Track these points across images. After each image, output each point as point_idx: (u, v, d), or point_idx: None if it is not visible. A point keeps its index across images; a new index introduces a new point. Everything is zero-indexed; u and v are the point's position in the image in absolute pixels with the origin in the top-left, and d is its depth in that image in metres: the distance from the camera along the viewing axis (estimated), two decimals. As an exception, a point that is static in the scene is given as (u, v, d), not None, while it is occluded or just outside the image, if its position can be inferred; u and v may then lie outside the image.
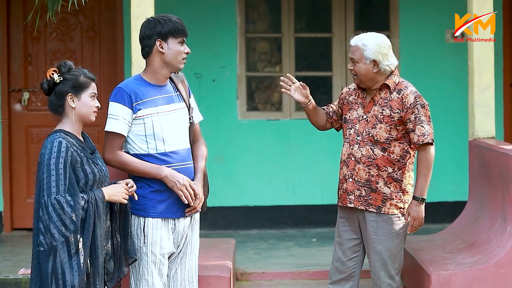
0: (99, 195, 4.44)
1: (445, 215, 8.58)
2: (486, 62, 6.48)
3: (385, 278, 5.24)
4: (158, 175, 4.74)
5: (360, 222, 5.28)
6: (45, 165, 4.33)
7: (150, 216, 4.79)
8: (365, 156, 5.18)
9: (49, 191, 4.29)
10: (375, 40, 5.20)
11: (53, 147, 4.35)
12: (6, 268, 6.91)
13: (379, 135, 5.16)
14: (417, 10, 8.88)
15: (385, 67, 5.18)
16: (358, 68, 5.19)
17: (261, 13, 9.10)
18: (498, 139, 7.37)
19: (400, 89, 5.20)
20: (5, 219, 8.69)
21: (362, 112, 5.25)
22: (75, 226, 4.29)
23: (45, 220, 4.27)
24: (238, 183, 8.84)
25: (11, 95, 8.77)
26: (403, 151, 5.19)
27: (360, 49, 5.18)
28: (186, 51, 4.83)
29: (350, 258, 5.33)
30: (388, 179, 5.17)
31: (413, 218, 5.16)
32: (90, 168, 4.44)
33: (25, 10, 8.68)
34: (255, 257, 7.62)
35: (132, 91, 4.76)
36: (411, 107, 5.14)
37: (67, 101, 4.47)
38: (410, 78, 5.35)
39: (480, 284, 5.59)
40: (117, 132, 4.75)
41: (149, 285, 4.79)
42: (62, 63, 4.52)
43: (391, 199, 5.19)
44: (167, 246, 4.82)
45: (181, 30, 4.80)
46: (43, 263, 4.28)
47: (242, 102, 8.87)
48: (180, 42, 4.81)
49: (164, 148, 4.80)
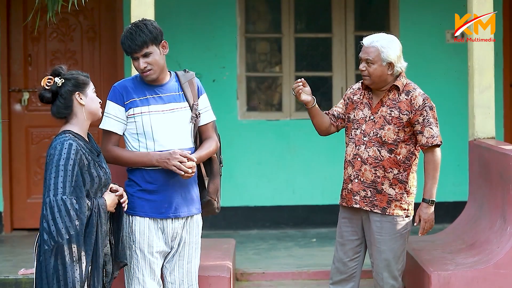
0: (102, 204, 4.44)
1: (445, 216, 8.57)
2: (486, 62, 6.48)
3: (388, 278, 5.24)
4: (149, 162, 4.76)
5: (364, 222, 5.27)
6: (54, 166, 4.31)
7: (137, 214, 4.80)
8: (372, 157, 5.17)
9: (56, 191, 4.28)
10: (392, 42, 5.18)
11: (63, 148, 4.34)
12: (6, 269, 6.91)
13: (387, 136, 5.15)
14: (417, 11, 8.89)
15: (398, 69, 5.18)
16: (373, 69, 5.16)
17: (261, 14, 9.11)
18: (498, 139, 7.38)
19: (409, 91, 5.19)
20: (5, 220, 8.69)
21: (369, 112, 5.24)
22: (77, 230, 4.28)
23: (49, 219, 4.27)
24: (238, 183, 8.84)
25: (11, 95, 8.77)
26: (409, 152, 5.19)
27: (378, 50, 5.13)
28: (141, 67, 4.79)
29: (351, 258, 5.33)
30: (394, 180, 5.17)
31: (425, 221, 5.17)
32: (96, 171, 4.44)
33: (25, 10, 8.68)
34: (255, 257, 7.62)
35: (124, 90, 4.81)
36: (420, 109, 5.13)
37: (75, 100, 4.46)
38: (410, 78, 5.34)
39: (480, 284, 5.59)
40: (109, 130, 4.81)
41: (140, 283, 4.80)
42: (58, 67, 4.52)
43: (396, 201, 5.19)
44: (156, 245, 4.82)
45: (128, 49, 4.78)
46: (47, 262, 4.27)
47: (242, 102, 8.87)
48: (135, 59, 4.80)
49: (154, 147, 4.80)
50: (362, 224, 5.29)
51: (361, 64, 5.22)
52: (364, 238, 5.31)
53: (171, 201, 4.82)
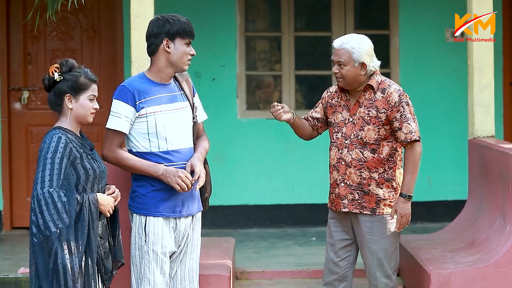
0: (93, 199, 4.41)
1: (444, 214, 8.59)
2: (486, 61, 6.48)
3: (382, 278, 5.23)
4: (155, 173, 4.74)
5: (353, 223, 5.26)
6: (42, 159, 4.32)
7: (151, 215, 4.78)
8: (355, 159, 5.17)
9: (43, 184, 4.27)
10: (362, 42, 5.17)
11: (51, 142, 4.34)
12: (6, 267, 6.91)
13: (368, 137, 5.15)
14: (416, 9, 8.88)
15: (371, 68, 5.17)
16: (346, 71, 5.15)
17: (260, 12, 9.10)
18: (498, 138, 7.37)
19: (384, 88, 5.17)
20: (4, 218, 8.69)
21: (348, 114, 5.23)
22: (65, 223, 4.25)
23: (37, 212, 4.25)
24: (237, 182, 8.84)
25: (11, 94, 8.77)
26: (392, 149, 5.18)
27: (349, 52, 5.14)
28: (192, 53, 4.83)
29: (342, 258, 5.32)
30: (380, 180, 5.16)
31: (401, 215, 5.12)
32: (89, 164, 4.42)
33: (25, 9, 8.68)
34: (254, 256, 7.62)
35: (135, 90, 4.76)
36: (396, 106, 5.13)
37: (65, 101, 4.46)
38: (410, 77, 5.36)
39: (480, 283, 5.59)
40: (118, 130, 4.75)
41: (151, 284, 4.79)
42: (64, 61, 4.50)
43: (384, 200, 5.18)
44: (168, 245, 4.82)
45: (189, 32, 4.80)
46: (38, 256, 4.25)
47: (241, 101, 8.87)
48: (187, 43, 4.81)
49: (167, 147, 4.80)
50: (351, 225, 5.28)
51: (334, 67, 5.22)
52: (355, 237, 5.30)
53: (183, 200, 4.83)
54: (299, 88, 8.93)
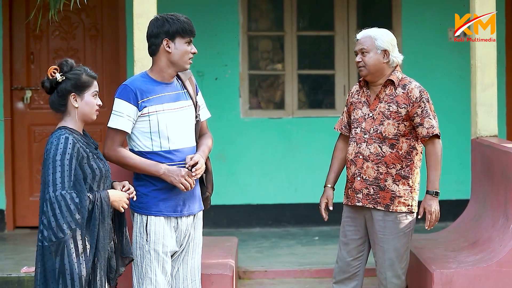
0: (105, 197, 4.42)
1: (447, 214, 8.54)
2: (489, 60, 6.48)
3: (392, 278, 5.23)
4: (156, 172, 4.74)
5: (367, 221, 5.27)
6: (51, 161, 4.30)
7: (152, 214, 4.79)
8: (373, 153, 5.17)
9: (55, 186, 4.27)
10: (385, 32, 5.26)
11: (59, 143, 4.33)
12: (9, 266, 6.91)
13: (388, 131, 5.16)
14: (419, 9, 8.88)
15: (393, 58, 5.20)
16: (368, 58, 5.19)
17: (263, 11, 9.10)
18: (501, 137, 7.37)
19: (405, 84, 5.20)
20: (7, 217, 8.69)
21: (368, 110, 5.24)
22: (78, 224, 4.27)
23: (50, 215, 4.26)
24: (240, 181, 8.84)
25: (14, 94, 8.77)
26: (410, 147, 5.19)
27: (372, 38, 5.19)
28: (193, 51, 4.83)
29: (355, 257, 5.33)
30: (397, 176, 5.17)
31: (429, 213, 5.12)
32: (96, 163, 4.43)
33: (27, 8, 8.68)
34: (257, 255, 7.62)
35: (138, 89, 4.76)
36: (417, 101, 5.15)
37: (70, 100, 4.46)
38: (412, 76, 5.35)
39: (483, 282, 5.59)
40: (120, 129, 4.76)
41: (153, 283, 4.79)
42: (64, 61, 4.50)
43: (399, 197, 5.18)
44: (170, 244, 4.82)
45: (189, 30, 4.80)
46: (47, 259, 4.26)
47: (244, 100, 8.87)
48: (187, 42, 4.81)
49: (169, 146, 4.80)
50: (365, 223, 5.29)
51: (357, 57, 5.26)
52: (368, 237, 5.31)
53: (184, 199, 4.84)
54: (302, 87, 8.93)
